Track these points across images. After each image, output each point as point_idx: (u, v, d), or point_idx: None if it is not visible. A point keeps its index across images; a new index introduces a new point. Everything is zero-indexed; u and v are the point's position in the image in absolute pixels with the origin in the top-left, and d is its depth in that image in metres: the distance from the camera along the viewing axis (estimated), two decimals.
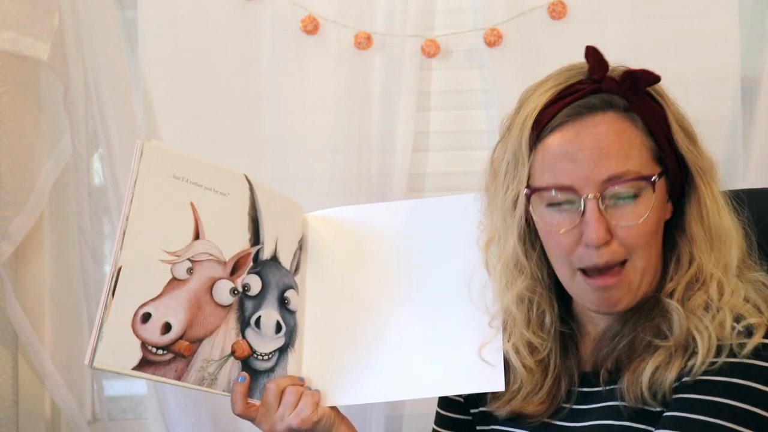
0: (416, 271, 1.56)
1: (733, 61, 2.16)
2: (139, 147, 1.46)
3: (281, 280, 1.55)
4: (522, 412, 1.44)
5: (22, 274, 2.22)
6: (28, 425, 2.23)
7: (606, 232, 1.32)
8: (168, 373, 1.44)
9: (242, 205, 1.53)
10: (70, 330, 2.24)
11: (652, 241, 1.36)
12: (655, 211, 1.35)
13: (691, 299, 1.36)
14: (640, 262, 1.36)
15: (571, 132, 1.34)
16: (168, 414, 2.16)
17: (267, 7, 2.17)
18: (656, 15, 2.16)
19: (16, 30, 2.07)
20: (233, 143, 2.19)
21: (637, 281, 1.36)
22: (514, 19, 2.15)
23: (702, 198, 1.38)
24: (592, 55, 1.37)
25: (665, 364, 1.33)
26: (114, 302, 1.41)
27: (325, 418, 1.48)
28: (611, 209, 1.33)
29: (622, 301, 1.37)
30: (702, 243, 1.38)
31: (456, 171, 2.22)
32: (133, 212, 1.44)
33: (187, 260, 1.47)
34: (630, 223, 1.33)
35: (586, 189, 1.33)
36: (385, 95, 2.18)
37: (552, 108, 1.36)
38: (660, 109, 1.38)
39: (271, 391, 1.48)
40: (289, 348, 1.54)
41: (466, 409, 1.55)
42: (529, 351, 1.44)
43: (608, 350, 1.40)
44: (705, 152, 1.40)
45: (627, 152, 1.33)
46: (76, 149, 2.15)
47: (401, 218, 1.61)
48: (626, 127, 1.35)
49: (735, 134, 2.16)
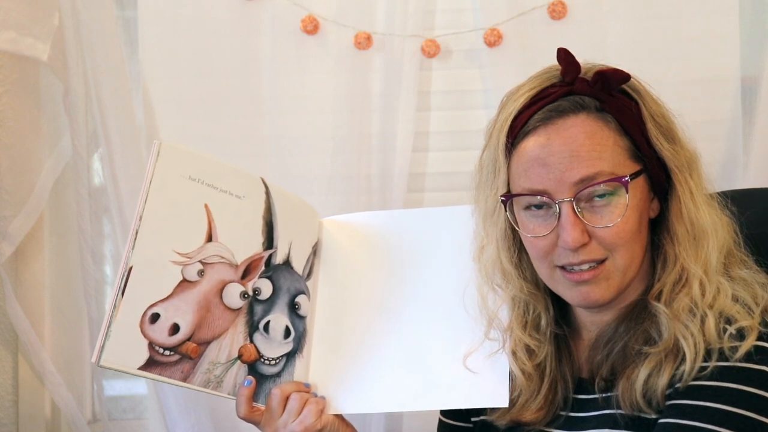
0: (428, 281, 1.55)
1: (733, 61, 2.16)
2: (156, 147, 1.45)
3: (293, 285, 1.55)
4: (520, 420, 1.44)
5: (22, 274, 2.22)
6: (28, 425, 2.23)
7: (582, 234, 1.33)
8: (174, 374, 1.44)
9: (257, 209, 1.53)
10: (70, 330, 2.24)
11: (633, 239, 1.35)
12: (634, 210, 1.35)
13: (675, 301, 1.35)
14: (621, 260, 1.35)
15: (543, 136, 1.34)
16: (168, 414, 2.16)
17: (267, 7, 2.17)
18: (656, 15, 2.16)
19: (16, 30, 2.07)
20: (233, 143, 2.19)
21: (617, 278, 1.36)
22: (514, 19, 2.15)
23: (679, 195, 1.37)
24: (564, 58, 1.37)
25: (657, 370, 1.32)
26: (123, 302, 1.41)
27: (329, 426, 1.48)
28: (587, 212, 1.34)
29: (602, 297, 1.37)
30: (683, 241, 1.37)
31: (456, 171, 2.22)
32: (146, 212, 1.43)
33: (199, 262, 1.47)
34: (607, 224, 1.33)
35: (559, 193, 1.33)
36: (385, 95, 2.18)
37: (526, 113, 1.36)
38: (635, 106, 1.37)
39: (275, 396, 1.48)
40: (297, 353, 1.53)
41: (467, 417, 1.55)
42: (527, 355, 1.44)
43: (602, 357, 1.40)
44: (685, 148, 1.39)
45: (599, 153, 1.33)
46: (76, 149, 2.15)
47: (417, 226, 1.59)
48: (598, 128, 1.34)
49: (735, 134, 2.15)
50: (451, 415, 1.58)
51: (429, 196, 2.22)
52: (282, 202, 1.55)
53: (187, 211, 1.47)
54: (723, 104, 2.16)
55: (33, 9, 2.10)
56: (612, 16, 2.16)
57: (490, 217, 1.43)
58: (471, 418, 1.54)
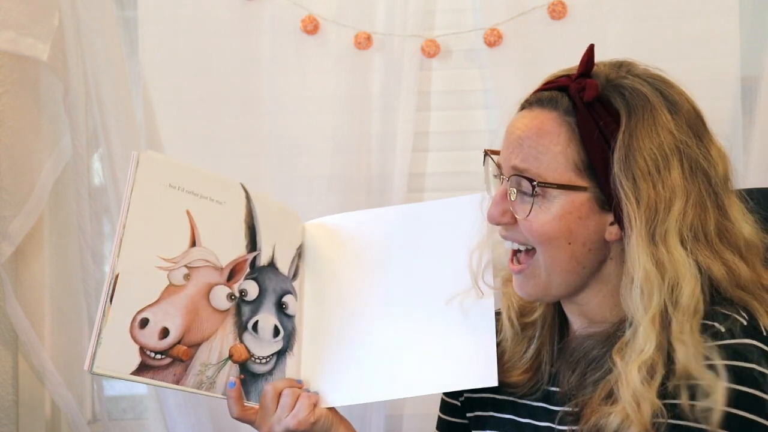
0: (412, 273, 1.58)
1: (733, 61, 2.16)
2: (135, 157, 1.48)
3: (279, 285, 1.56)
4: (505, 381, 1.46)
5: (22, 274, 2.22)
6: (28, 425, 2.23)
7: (502, 215, 1.39)
8: (167, 377, 1.45)
9: (238, 213, 1.55)
10: (70, 330, 2.25)
11: (550, 244, 1.35)
12: (557, 219, 1.33)
13: (623, 351, 1.30)
14: (544, 259, 1.37)
15: (517, 118, 1.40)
16: (168, 414, 2.17)
17: (267, 7, 2.17)
18: (656, 15, 2.16)
19: (16, 30, 2.07)
20: (233, 143, 2.19)
21: (543, 277, 1.37)
22: (514, 19, 2.15)
23: (627, 235, 1.31)
24: (586, 54, 1.38)
25: (627, 423, 1.26)
26: (112, 308, 1.42)
27: (323, 420, 1.49)
28: (516, 198, 1.37)
29: (531, 293, 1.40)
30: (626, 284, 1.32)
31: (456, 171, 2.22)
32: (129, 221, 1.45)
33: (184, 267, 1.48)
34: (519, 216, 1.37)
35: (504, 170, 1.40)
36: (385, 95, 2.18)
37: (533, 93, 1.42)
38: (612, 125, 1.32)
39: (268, 393, 1.49)
40: (288, 351, 1.55)
41: (462, 412, 1.57)
42: (519, 313, 1.49)
43: (575, 359, 1.40)
44: (658, 191, 1.30)
45: (537, 153, 1.35)
46: (76, 149, 2.15)
47: (398, 222, 1.62)
48: (553, 130, 1.34)
49: (735, 134, 2.15)
50: (448, 412, 1.60)
51: (429, 196, 2.23)
52: (262, 207, 1.57)
53: (169, 217, 1.49)
54: (723, 104, 2.16)
55: (33, 9, 2.10)
56: (612, 16, 2.16)
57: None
58: (466, 414, 1.56)
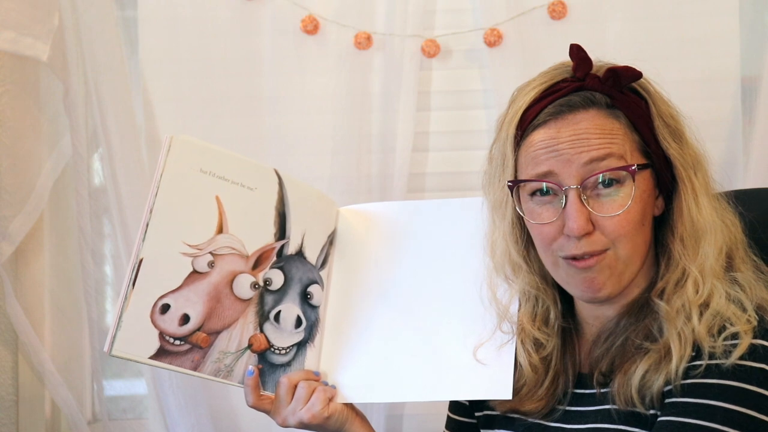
0: (442, 272, 1.56)
1: (733, 61, 2.16)
2: (167, 141, 1.47)
3: (305, 275, 1.56)
4: (519, 409, 1.45)
5: (22, 274, 2.22)
6: (28, 425, 2.23)
7: (587, 223, 1.34)
8: (184, 363, 1.46)
9: (270, 200, 1.54)
10: (70, 330, 2.25)
11: (635, 232, 1.36)
12: (638, 202, 1.35)
13: (672, 300, 1.36)
14: (623, 250, 1.36)
15: (553, 129, 1.35)
16: (168, 414, 2.16)
17: (267, 7, 2.17)
18: (656, 15, 2.16)
19: (16, 30, 2.07)
20: (233, 143, 2.18)
21: (619, 268, 1.36)
22: (514, 19, 2.15)
23: (682, 193, 1.38)
24: (576, 53, 1.38)
25: (655, 367, 1.32)
26: (134, 292, 1.43)
27: (338, 414, 1.49)
28: (593, 200, 1.34)
29: (605, 286, 1.37)
30: (685, 240, 1.37)
31: (456, 171, 2.22)
32: (157, 205, 1.45)
33: (209, 254, 1.49)
34: (612, 213, 1.34)
35: (567, 177, 1.34)
36: (385, 95, 2.18)
37: (536, 107, 1.37)
38: (644, 104, 1.38)
39: (283, 385, 1.50)
40: (309, 343, 1.55)
41: (471, 412, 1.56)
42: (535, 348, 1.45)
43: (602, 351, 1.41)
44: (692, 148, 1.40)
45: (609, 140, 1.34)
46: (76, 149, 2.15)
47: (431, 216, 1.60)
48: (608, 122, 1.36)
49: (735, 134, 2.16)
50: (458, 411, 1.59)
51: (429, 196, 2.22)
52: (296, 193, 1.56)
53: (197, 203, 1.49)
54: (723, 104, 2.16)
55: (33, 9, 2.10)
56: (612, 16, 2.16)
57: (498, 209, 1.44)
58: (474, 413, 1.55)
